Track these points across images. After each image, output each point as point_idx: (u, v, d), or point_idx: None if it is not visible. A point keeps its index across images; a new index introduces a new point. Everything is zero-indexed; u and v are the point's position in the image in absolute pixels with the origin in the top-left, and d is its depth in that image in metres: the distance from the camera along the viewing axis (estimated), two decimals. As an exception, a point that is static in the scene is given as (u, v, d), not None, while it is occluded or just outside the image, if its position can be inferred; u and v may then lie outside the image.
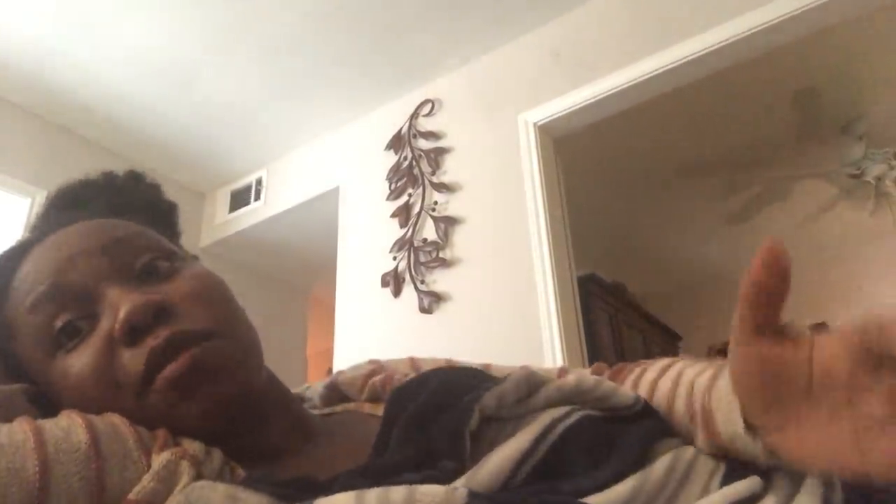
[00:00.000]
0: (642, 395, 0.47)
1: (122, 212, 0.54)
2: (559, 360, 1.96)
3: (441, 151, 2.58)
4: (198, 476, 0.38)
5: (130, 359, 0.43)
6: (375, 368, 0.57)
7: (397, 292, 2.44)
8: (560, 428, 0.37)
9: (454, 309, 2.30)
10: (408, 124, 2.71)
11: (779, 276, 0.30)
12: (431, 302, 2.34)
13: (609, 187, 3.58)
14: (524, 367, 0.43)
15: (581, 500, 0.32)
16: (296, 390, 0.60)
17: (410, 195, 2.58)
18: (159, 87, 2.71)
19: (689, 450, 0.38)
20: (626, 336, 3.78)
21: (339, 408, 0.56)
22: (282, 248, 3.39)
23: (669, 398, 0.44)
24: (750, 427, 0.34)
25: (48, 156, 2.78)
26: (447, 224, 2.42)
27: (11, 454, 0.35)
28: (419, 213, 2.52)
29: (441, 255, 2.39)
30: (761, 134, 3.24)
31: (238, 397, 0.45)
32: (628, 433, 0.38)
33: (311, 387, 0.62)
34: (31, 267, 0.47)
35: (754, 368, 0.32)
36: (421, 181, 2.57)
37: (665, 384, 0.45)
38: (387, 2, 2.36)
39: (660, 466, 0.35)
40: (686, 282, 4.71)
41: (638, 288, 4.39)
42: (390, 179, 2.68)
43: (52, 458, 0.36)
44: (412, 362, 0.60)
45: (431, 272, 2.40)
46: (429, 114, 2.70)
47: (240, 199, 3.26)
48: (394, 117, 2.78)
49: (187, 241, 0.59)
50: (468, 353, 0.72)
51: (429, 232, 2.47)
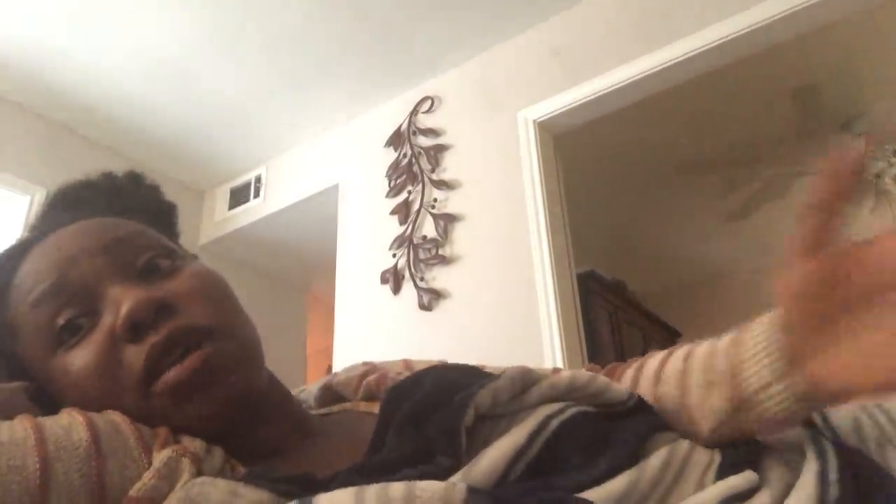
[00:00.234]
0: (646, 384, 0.47)
1: (122, 212, 0.54)
2: (559, 357, 1.96)
3: (441, 148, 2.58)
4: (198, 473, 0.38)
5: (132, 355, 0.43)
6: (369, 369, 0.58)
7: (397, 289, 2.44)
8: (554, 424, 0.37)
9: (454, 306, 2.30)
10: (407, 121, 2.71)
11: (848, 185, 0.33)
12: (431, 299, 2.34)
13: (609, 184, 3.57)
14: (519, 365, 0.43)
15: (577, 495, 0.32)
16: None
17: (410, 192, 2.58)
18: (159, 85, 2.70)
19: (685, 444, 0.38)
20: (625, 333, 3.78)
21: (335, 408, 0.57)
22: (281, 245, 3.39)
23: (680, 378, 0.44)
24: (785, 363, 0.36)
25: (48, 154, 2.78)
26: (447, 221, 2.42)
27: (12, 452, 0.35)
28: (419, 210, 2.52)
29: (441, 252, 2.39)
30: (761, 131, 3.24)
31: (239, 398, 0.45)
32: (623, 428, 0.38)
33: (305, 389, 0.62)
34: (33, 265, 0.48)
35: (811, 282, 0.34)
36: (420, 178, 2.57)
37: (674, 365, 0.45)
38: (386, -1, 2.36)
39: (655, 461, 0.35)
40: (686, 279, 4.71)
41: (638, 285, 4.39)
42: (390, 176, 2.68)
43: (52, 455, 0.36)
44: (406, 364, 0.60)
45: (431, 269, 2.40)
46: (428, 111, 2.69)
47: (239, 197, 3.26)
48: (393, 114, 2.78)
49: (186, 239, 0.60)
50: (467, 350, 0.72)
51: (428, 229, 2.47)
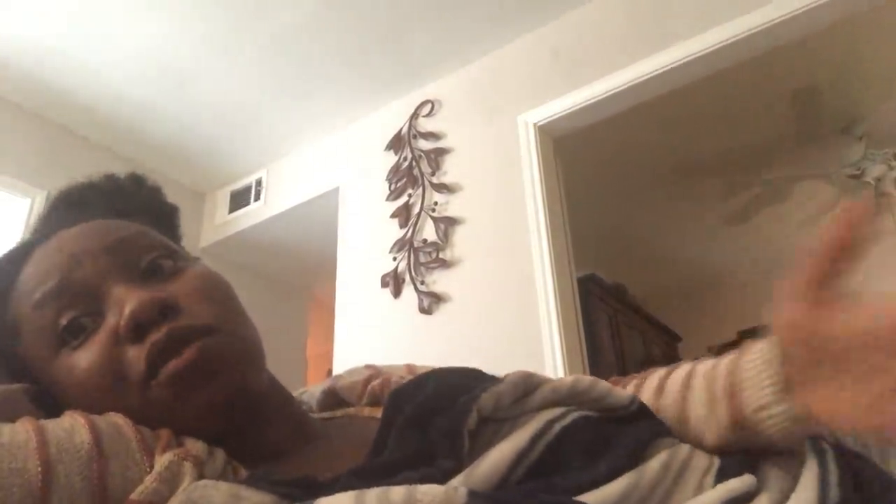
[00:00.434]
0: (648, 396, 0.48)
1: (125, 214, 0.54)
2: (559, 361, 1.96)
3: (441, 152, 2.58)
4: (200, 477, 0.38)
5: (134, 355, 0.43)
6: (373, 373, 0.57)
7: (397, 293, 2.44)
8: (556, 428, 0.37)
9: (454, 309, 2.30)
10: (408, 125, 2.71)
11: (856, 238, 0.35)
12: (431, 302, 2.34)
13: (609, 188, 3.58)
14: (520, 370, 0.43)
15: (577, 497, 0.32)
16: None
17: (410, 196, 2.58)
18: (159, 87, 2.71)
19: (685, 448, 0.38)
20: (625, 337, 3.78)
21: (339, 412, 0.57)
22: (281, 248, 3.39)
23: (682, 391, 0.45)
24: (783, 387, 0.37)
25: (48, 156, 2.78)
26: (447, 224, 2.43)
27: (13, 454, 0.35)
28: (419, 214, 2.52)
29: (441, 255, 2.39)
30: (761, 135, 3.24)
31: (239, 393, 0.45)
32: (624, 433, 0.38)
33: (307, 391, 0.62)
34: (36, 267, 0.48)
35: (808, 324, 0.36)
36: (421, 182, 2.57)
37: (677, 379, 0.47)
38: (387, 2, 2.36)
39: (654, 464, 0.35)
40: (686, 282, 4.71)
41: (638, 289, 4.38)
42: (390, 180, 2.68)
43: (54, 458, 0.36)
44: (409, 368, 0.60)
45: (431, 273, 2.40)
46: (429, 114, 2.70)
47: (240, 200, 3.26)
48: (394, 118, 2.78)
49: (187, 242, 0.60)
50: (468, 354, 0.72)
51: (429, 232, 2.47)
